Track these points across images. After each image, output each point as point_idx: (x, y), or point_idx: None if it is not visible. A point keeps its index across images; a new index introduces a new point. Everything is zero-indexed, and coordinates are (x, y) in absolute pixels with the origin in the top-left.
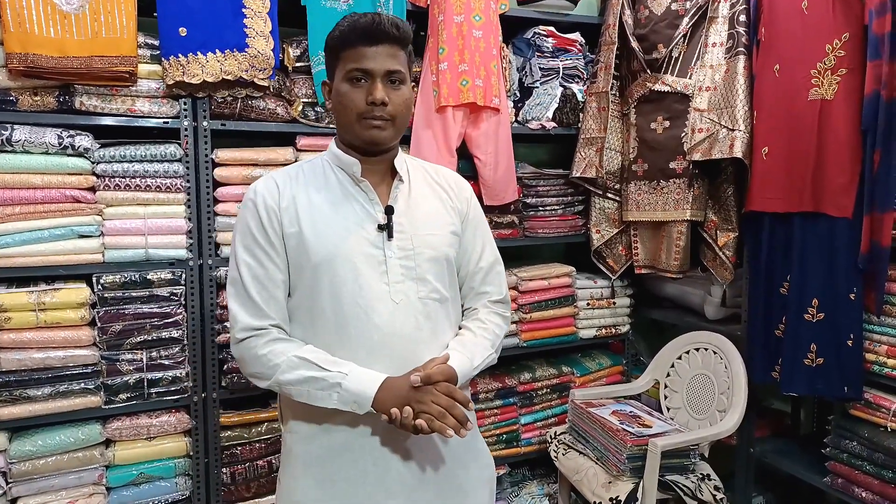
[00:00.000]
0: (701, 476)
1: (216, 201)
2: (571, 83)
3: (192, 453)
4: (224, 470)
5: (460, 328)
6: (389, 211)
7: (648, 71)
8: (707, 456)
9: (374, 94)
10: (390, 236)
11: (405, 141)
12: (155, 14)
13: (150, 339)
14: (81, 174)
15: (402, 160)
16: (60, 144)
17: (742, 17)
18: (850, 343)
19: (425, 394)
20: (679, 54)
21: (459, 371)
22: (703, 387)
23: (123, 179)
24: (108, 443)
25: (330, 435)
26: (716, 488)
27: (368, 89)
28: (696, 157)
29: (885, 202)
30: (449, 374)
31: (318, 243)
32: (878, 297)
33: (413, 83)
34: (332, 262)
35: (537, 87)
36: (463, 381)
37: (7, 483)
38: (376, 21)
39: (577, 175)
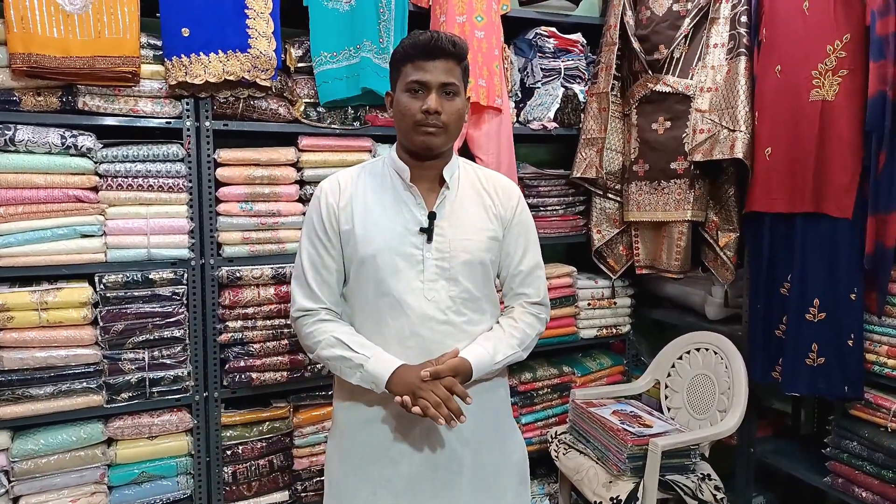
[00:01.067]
0: (701, 476)
1: (218, 201)
2: (573, 84)
3: (193, 452)
4: (225, 469)
5: (495, 325)
6: (432, 216)
7: (650, 71)
8: (707, 456)
9: (429, 104)
10: (430, 239)
11: None
12: (158, 14)
13: (151, 338)
14: (84, 174)
15: (454, 168)
16: (63, 144)
17: (743, 19)
18: (850, 343)
19: (429, 384)
20: (680, 55)
21: (476, 364)
22: (704, 387)
23: (126, 179)
24: (109, 442)
25: (370, 409)
26: (716, 488)
27: (423, 99)
28: (697, 157)
29: (889, 203)
30: (457, 368)
31: (366, 241)
32: (880, 298)
33: (468, 97)
34: (375, 256)
35: (539, 88)
36: (480, 373)
37: (9, 482)
38: (434, 38)
39: (578, 175)
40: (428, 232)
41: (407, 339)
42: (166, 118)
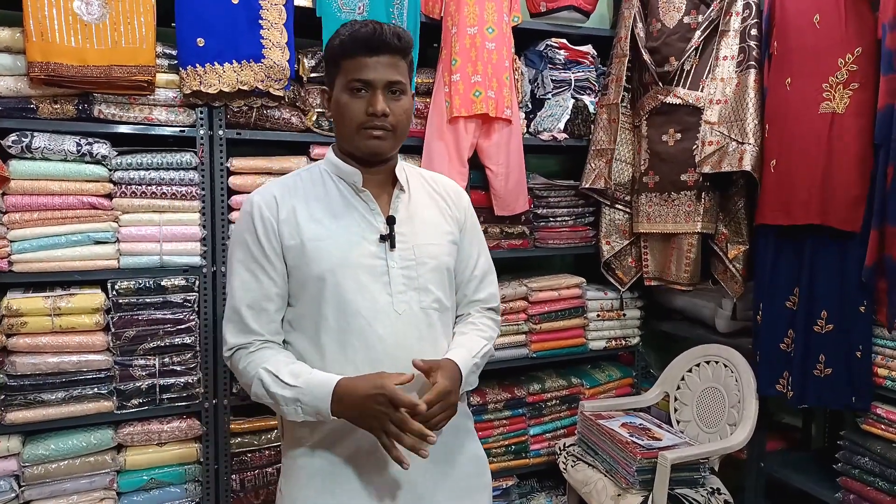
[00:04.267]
0: (711, 490)
1: (230, 209)
2: (583, 95)
3: (202, 459)
4: (234, 476)
5: (455, 333)
6: (391, 221)
7: (660, 83)
8: (717, 470)
9: (375, 106)
10: (392, 246)
11: (418, 151)
12: (173, 24)
13: (162, 345)
14: (99, 181)
15: (402, 169)
16: (79, 152)
17: (753, 31)
18: (858, 355)
19: (381, 407)
20: (691, 67)
21: (462, 363)
22: (714, 400)
23: (140, 187)
24: (119, 448)
25: (333, 447)
26: (726, 502)
27: (369, 100)
28: (706, 169)
29: None
30: (446, 386)
31: (321, 255)
32: (892, 312)
33: (414, 93)
34: (334, 273)
35: (549, 99)
36: (467, 372)
37: (20, 486)
38: (377, 31)
39: (587, 186)
40: (389, 238)
41: (379, 361)
42: (180, 126)
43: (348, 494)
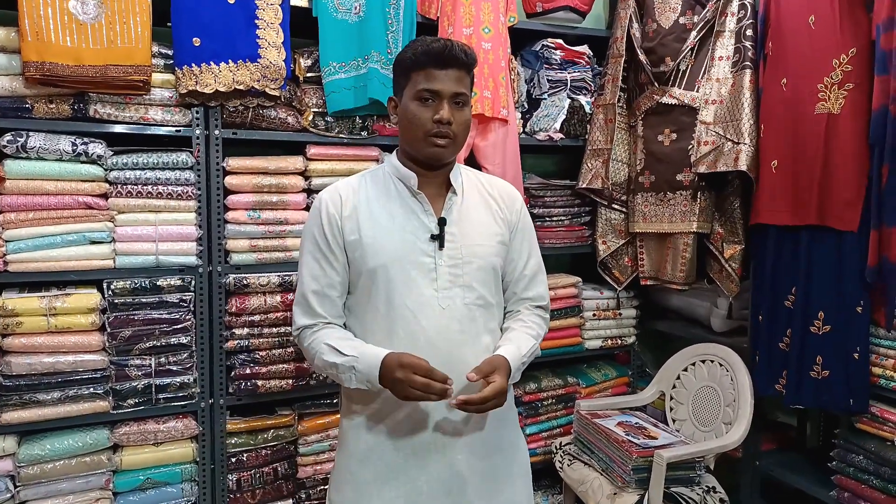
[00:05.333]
0: (706, 488)
1: (226, 209)
2: (579, 95)
3: (198, 459)
4: (230, 476)
5: (503, 330)
6: (442, 222)
7: (656, 83)
8: (713, 468)
9: (442, 114)
10: (441, 246)
11: None
12: (169, 24)
13: (158, 344)
14: (94, 181)
15: (458, 173)
16: (74, 151)
17: (749, 32)
18: (856, 356)
19: (400, 374)
20: (686, 67)
21: (507, 356)
22: (709, 399)
23: (135, 186)
24: (115, 448)
25: (381, 424)
26: (721, 501)
27: (435, 109)
28: (702, 169)
29: (893, 217)
30: (498, 364)
31: (376, 250)
32: (889, 312)
33: (471, 105)
34: (386, 267)
35: (545, 99)
36: (515, 367)
37: (15, 486)
38: (448, 46)
39: (584, 186)
40: (439, 238)
41: (421, 349)
42: (176, 126)
43: (393, 474)
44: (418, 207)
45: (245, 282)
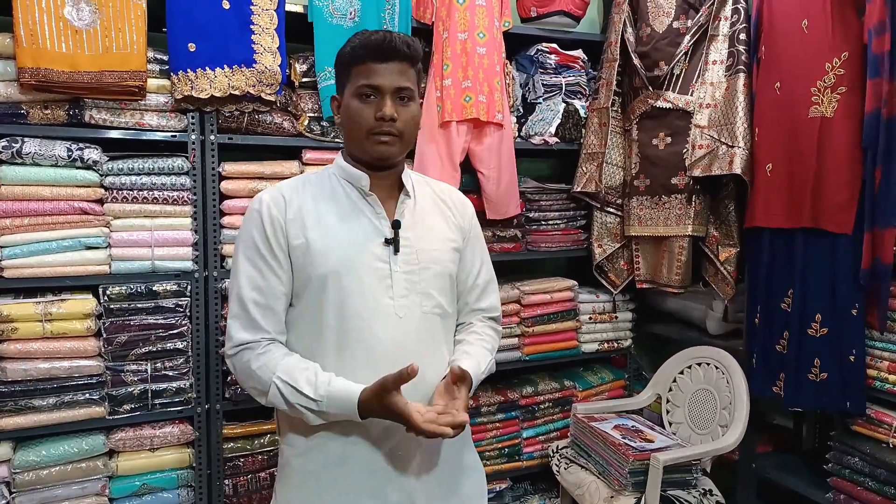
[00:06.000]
0: (703, 491)
1: (222, 214)
2: (574, 99)
3: (194, 464)
4: (226, 481)
5: (456, 342)
6: (396, 225)
7: (650, 87)
8: (709, 471)
9: (384, 111)
10: (396, 251)
11: (409, 155)
12: (164, 30)
13: (154, 350)
14: (90, 186)
15: (408, 175)
16: (70, 157)
17: (742, 36)
18: (852, 359)
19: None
20: (680, 71)
21: (473, 375)
22: (705, 402)
23: (131, 192)
24: (111, 453)
25: (326, 448)
26: (717, 503)
27: (378, 105)
28: (697, 172)
29: (886, 219)
30: (464, 397)
31: (326, 255)
32: (882, 314)
33: (421, 101)
34: (338, 274)
35: (540, 103)
36: (475, 386)
37: (10, 493)
38: (387, 38)
39: (579, 190)
40: (394, 242)
41: (377, 363)
42: (172, 132)
43: (343, 498)
44: (369, 210)
45: None
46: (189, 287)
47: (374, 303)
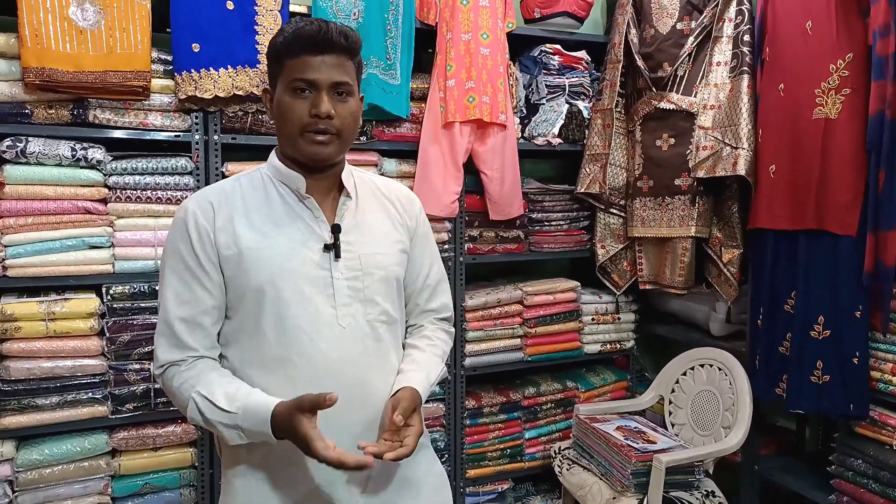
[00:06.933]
0: (705, 493)
1: None
2: (577, 100)
3: (197, 464)
4: None
5: (406, 346)
6: (336, 230)
7: (654, 89)
8: (712, 473)
9: (319, 107)
10: (337, 256)
11: (413, 156)
12: (168, 30)
13: None
14: (94, 186)
15: (349, 174)
16: (74, 157)
17: (746, 38)
18: (855, 361)
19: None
20: (684, 73)
21: (420, 390)
22: (708, 403)
23: (135, 191)
24: (114, 453)
25: (270, 469)
26: None
27: (313, 101)
28: (700, 174)
29: (889, 221)
30: (414, 400)
31: (260, 265)
32: (884, 316)
33: (361, 96)
34: (274, 284)
35: (543, 104)
36: (424, 399)
37: (13, 492)
38: (323, 29)
39: (582, 191)
40: (334, 248)
41: (321, 378)
42: (175, 132)
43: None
44: (307, 214)
45: None
46: None
47: (315, 313)
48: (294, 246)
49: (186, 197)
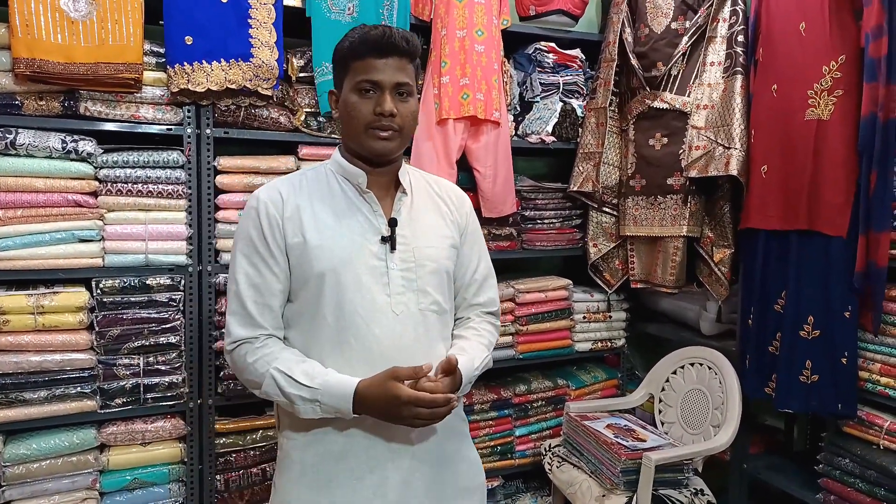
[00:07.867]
0: (694, 491)
1: (217, 208)
2: (571, 98)
3: (186, 459)
4: (218, 477)
5: (453, 336)
6: (393, 223)
7: (647, 88)
8: (701, 471)
9: (383, 106)
10: (393, 248)
11: (406, 152)
12: (161, 22)
13: (147, 344)
14: (84, 179)
15: (406, 172)
16: (64, 149)
17: (740, 38)
18: (844, 361)
19: (405, 409)
20: (678, 72)
21: (464, 373)
22: (698, 402)
23: (125, 185)
24: (102, 447)
25: (325, 442)
26: (709, 503)
27: (377, 100)
28: (693, 174)
29: (881, 222)
30: (451, 364)
31: (323, 254)
32: (876, 317)
33: (419, 96)
34: (335, 272)
35: (537, 102)
36: (467, 380)
37: (0, 486)
38: (387, 34)
39: (575, 189)
40: (390, 240)
41: (374, 360)
42: (167, 125)
43: (341, 491)
44: (366, 207)
45: None
46: (183, 281)
47: (371, 300)
48: (354, 237)
49: (178, 190)
